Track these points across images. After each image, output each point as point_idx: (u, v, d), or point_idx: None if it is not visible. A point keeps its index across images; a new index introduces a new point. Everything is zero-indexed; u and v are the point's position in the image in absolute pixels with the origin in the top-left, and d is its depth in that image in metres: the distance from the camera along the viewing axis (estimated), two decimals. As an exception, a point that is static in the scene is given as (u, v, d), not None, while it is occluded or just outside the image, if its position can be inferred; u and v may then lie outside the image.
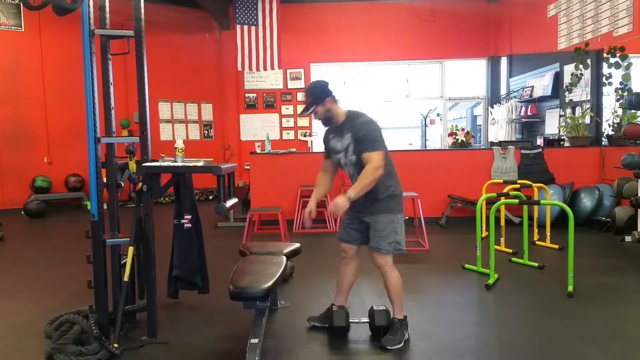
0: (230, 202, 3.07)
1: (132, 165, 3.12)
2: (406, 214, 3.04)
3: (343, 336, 2.97)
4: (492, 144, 7.68)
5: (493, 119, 9.81)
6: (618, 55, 6.31)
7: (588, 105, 6.88)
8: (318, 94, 2.81)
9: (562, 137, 7.28)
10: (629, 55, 6.25)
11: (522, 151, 6.69)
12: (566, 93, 7.11)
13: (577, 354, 2.74)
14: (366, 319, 3.05)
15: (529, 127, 8.95)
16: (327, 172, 3.05)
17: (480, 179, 6.14)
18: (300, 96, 10.32)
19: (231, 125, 10.37)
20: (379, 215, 2.81)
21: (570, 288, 3.64)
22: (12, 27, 8.49)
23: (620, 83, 6.45)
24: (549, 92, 7.91)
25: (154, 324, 2.96)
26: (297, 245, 3.55)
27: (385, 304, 2.93)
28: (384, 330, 2.88)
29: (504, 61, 10.09)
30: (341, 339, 2.94)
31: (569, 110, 7.15)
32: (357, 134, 2.76)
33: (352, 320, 3.05)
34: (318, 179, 3.07)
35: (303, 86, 10.32)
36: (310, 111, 2.82)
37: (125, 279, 2.98)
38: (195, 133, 10.38)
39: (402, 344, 2.80)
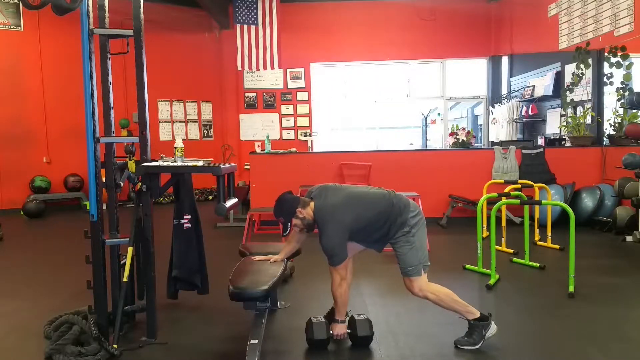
0: (230, 202, 3.07)
1: (132, 165, 3.12)
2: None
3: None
4: (493, 143, 7.66)
5: (494, 118, 9.79)
6: (619, 54, 6.29)
7: (589, 105, 6.87)
8: (287, 211, 2.79)
9: (563, 137, 7.26)
10: (630, 54, 6.23)
11: (523, 151, 6.67)
12: (567, 93, 7.08)
13: (578, 355, 2.74)
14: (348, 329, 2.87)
15: (530, 126, 8.94)
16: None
17: (481, 179, 6.12)
18: (300, 96, 10.32)
19: (231, 125, 10.34)
20: (396, 239, 2.77)
21: (571, 288, 3.63)
22: (12, 27, 8.46)
23: (622, 82, 6.43)
24: (550, 92, 7.89)
25: (154, 324, 2.95)
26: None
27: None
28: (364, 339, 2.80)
29: (504, 61, 10.06)
30: (342, 339, 2.92)
31: (570, 110, 7.13)
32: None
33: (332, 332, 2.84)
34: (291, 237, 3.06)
35: (303, 86, 10.31)
36: (290, 229, 2.82)
37: (125, 279, 2.98)
38: (194, 133, 10.35)
39: (478, 345, 2.71)
